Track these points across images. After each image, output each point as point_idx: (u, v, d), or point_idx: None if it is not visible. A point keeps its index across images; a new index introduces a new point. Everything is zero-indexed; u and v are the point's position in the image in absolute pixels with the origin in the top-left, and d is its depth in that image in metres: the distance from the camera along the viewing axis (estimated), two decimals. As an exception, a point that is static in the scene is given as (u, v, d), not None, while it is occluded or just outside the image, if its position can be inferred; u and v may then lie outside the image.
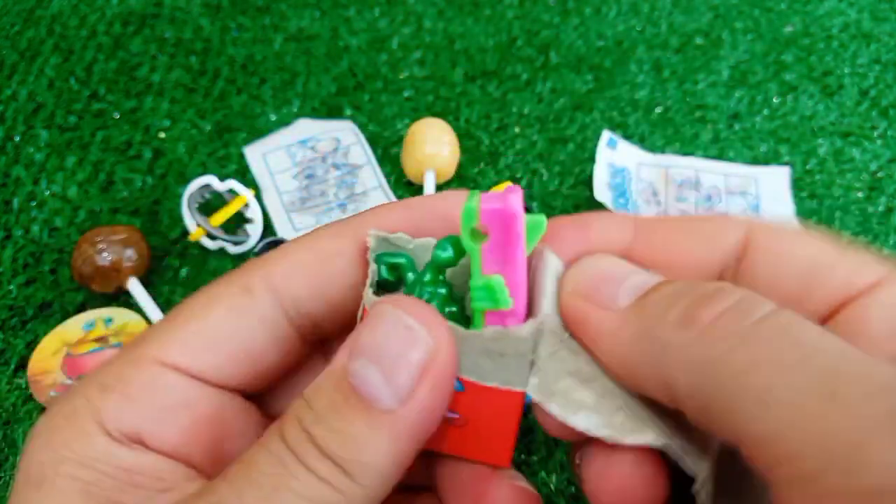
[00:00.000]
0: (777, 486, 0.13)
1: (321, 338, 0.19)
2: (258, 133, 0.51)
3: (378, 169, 0.48)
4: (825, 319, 0.16)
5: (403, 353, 0.15)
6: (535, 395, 0.16)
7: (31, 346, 0.39)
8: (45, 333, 0.40)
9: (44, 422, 0.16)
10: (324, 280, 0.18)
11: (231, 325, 0.17)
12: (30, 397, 0.37)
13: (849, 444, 0.12)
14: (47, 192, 0.47)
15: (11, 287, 0.42)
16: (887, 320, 0.16)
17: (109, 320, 0.40)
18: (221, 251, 0.44)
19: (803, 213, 0.46)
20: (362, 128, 0.51)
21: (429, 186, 0.45)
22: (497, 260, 0.15)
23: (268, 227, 0.45)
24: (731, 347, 0.14)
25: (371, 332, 0.15)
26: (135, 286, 0.41)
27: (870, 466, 0.12)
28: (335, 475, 0.14)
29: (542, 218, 0.16)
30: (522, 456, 0.35)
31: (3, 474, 0.35)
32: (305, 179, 0.48)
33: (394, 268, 0.18)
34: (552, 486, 0.34)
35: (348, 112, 0.52)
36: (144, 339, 0.17)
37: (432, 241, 0.18)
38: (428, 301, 0.17)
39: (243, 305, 0.17)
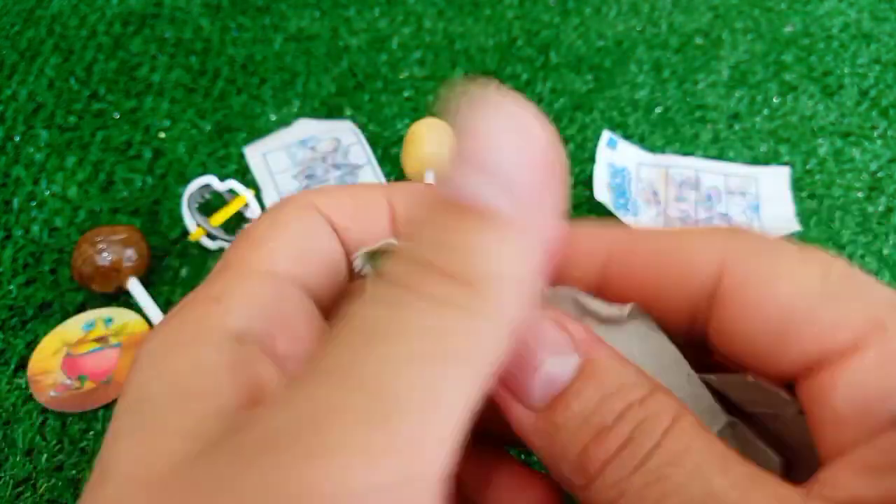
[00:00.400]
0: None
1: None
2: (258, 133, 0.51)
3: (378, 169, 0.48)
4: (798, 378, 0.15)
5: (517, 150, 0.12)
6: None
7: (31, 346, 0.39)
8: (45, 333, 0.40)
9: (151, 338, 0.15)
10: (360, 219, 0.18)
11: (308, 236, 0.17)
12: (30, 397, 0.37)
13: None
14: (47, 192, 0.47)
15: (11, 287, 0.42)
16: (853, 399, 0.14)
17: (109, 320, 0.40)
18: (221, 251, 0.44)
19: (803, 213, 0.46)
20: (362, 128, 0.51)
21: (429, 186, 0.45)
22: None
23: (268, 227, 0.45)
24: (619, 492, 0.13)
25: (473, 139, 0.12)
26: (135, 286, 0.41)
27: None
28: (464, 294, 0.11)
29: None
30: (522, 456, 0.35)
31: (2, 474, 0.35)
32: (305, 179, 0.48)
33: None
34: (552, 486, 0.34)
35: (348, 112, 0.52)
36: (236, 256, 0.16)
37: None
38: None
39: (309, 220, 0.17)
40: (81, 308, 0.41)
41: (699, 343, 0.17)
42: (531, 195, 0.12)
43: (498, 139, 0.12)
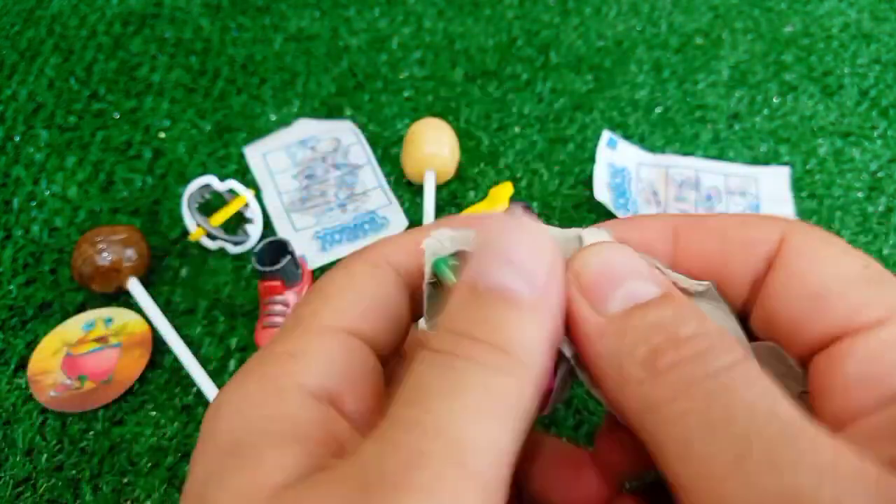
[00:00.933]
0: None
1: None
2: (258, 133, 0.51)
3: (378, 169, 0.48)
4: (821, 349, 0.16)
5: (533, 250, 0.16)
6: None
7: (31, 346, 0.39)
8: (45, 333, 0.40)
9: (232, 390, 0.16)
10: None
11: (378, 292, 0.18)
12: (30, 397, 0.37)
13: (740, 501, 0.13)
14: (47, 192, 0.47)
15: (11, 287, 0.42)
16: (864, 368, 0.15)
17: (109, 320, 0.40)
18: (221, 251, 0.44)
19: (803, 213, 0.46)
20: (362, 128, 0.51)
21: (429, 186, 0.45)
22: None
23: (268, 227, 0.45)
24: (673, 397, 0.15)
25: (496, 241, 0.16)
26: (135, 286, 0.41)
27: None
28: (500, 358, 0.14)
29: None
30: (522, 456, 0.35)
31: (2, 474, 0.35)
32: (305, 179, 0.48)
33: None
34: (552, 486, 0.34)
35: (348, 112, 0.52)
36: (309, 312, 0.17)
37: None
38: None
39: (380, 276, 0.18)
40: (81, 308, 0.41)
41: (743, 320, 0.19)
42: (544, 283, 0.16)
43: (519, 242, 0.16)
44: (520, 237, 0.16)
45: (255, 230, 0.44)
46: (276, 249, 0.40)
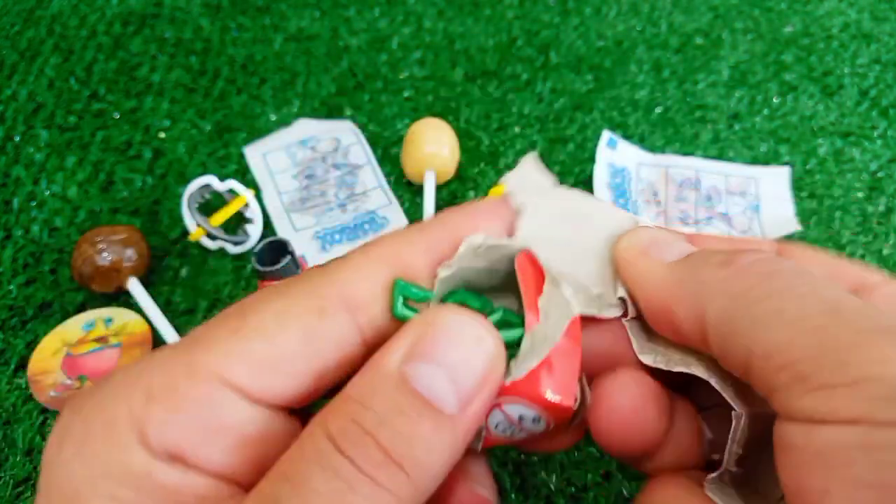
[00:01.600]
0: (777, 392, 0.15)
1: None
2: (258, 133, 0.51)
3: (378, 169, 0.48)
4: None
5: (469, 361, 0.15)
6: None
7: (31, 346, 0.39)
8: (45, 333, 0.40)
9: (77, 426, 0.15)
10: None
11: (303, 350, 0.16)
12: (30, 397, 0.37)
13: (842, 348, 0.14)
14: (47, 192, 0.47)
15: (11, 287, 0.42)
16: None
17: (109, 320, 0.40)
18: (221, 251, 0.44)
19: (803, 213, 0.46)
20: (362, 128, 0.51)
21: (429, 186, 0.45)
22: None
23: (268, 227, 0.45)
24: (759, 281, 0.16)
25: (437, 337, 0.15)
26: (135, 286, 0.41)
27: (856, 363, 0.14)
28: (394, 478, 0.14)
29: None
30: (522, 456, 0.35)
31: (2, 474, 0.35)
32: (305, 179, 0.48)
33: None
34: (552, 486, 0.34)
35: (348, 112, 0.52)
36: (201, 345, 0.16)
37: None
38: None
39: (318, 329, 0.16)
40: (81, 308, 0.41)
41: None
42: (468, 399, 0.15)
43: (459, 345, 0.15)
44: (461, 339, 0.15)
45: (255, 230, 0.44)
46: (276, 249, 0.40)
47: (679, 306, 0.17)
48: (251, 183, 0.47)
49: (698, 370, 0.18)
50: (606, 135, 0.49)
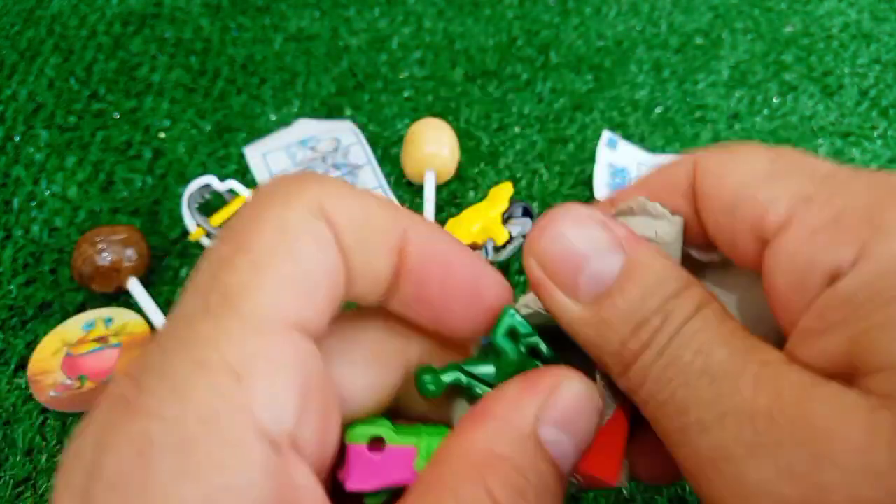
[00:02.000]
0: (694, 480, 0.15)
1: None
2: (258, 133, 0.51)
3: (378, 169, 0.48)
4: (760, 255, 0.16)
5: (591, 430, 0.16)
6: None
7: (31, 346, 0.39)
8: (45, 333, 0.40)
9: (168, 431, 0.12)
10: (366, 241, 0.16)
11: (318, 260, 0.15)
12: (30, 397, 0.37)
13: (688, 474, 0.15)
14: (47, 192, 0.47)
15: (11, 287, 0.42)
16: (788, 273, 0.15)
17: (109, 320, 0.40)
18: (221, 251, 0.44)
19: (803, 213, 0.46)
20: (362, 128, 0.51)
21: (429, 186, 0.45)
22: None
23: (268, 227, 0.45)
24: (639, 384, 0.15)
25: (568, 406, 0.16)
26: (135, 286, 0.41)
27: (705, 494, 0.14)
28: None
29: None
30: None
31: (2, 474, 0.35)
32: (305, 179, 0.48)
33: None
34: (552, 486, 0.34)
35: (348, 112, 0.52)
36: (237, 284, 0.14)
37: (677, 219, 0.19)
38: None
39: (320, 236, 0.15)
40: (81, 308, 0.41)
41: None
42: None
43: (584, 417, 0.16)
44: (587, 411, 0.16)
45: (255, 230, 0.44)
46: (276, 249, 0.40)
47: (602, 363, 0.17)
48: (251, 183, 0.47)
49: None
50: (606, 135, 0.49)
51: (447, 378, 0.17)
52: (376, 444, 0.16)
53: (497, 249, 0.42)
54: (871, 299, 0.13)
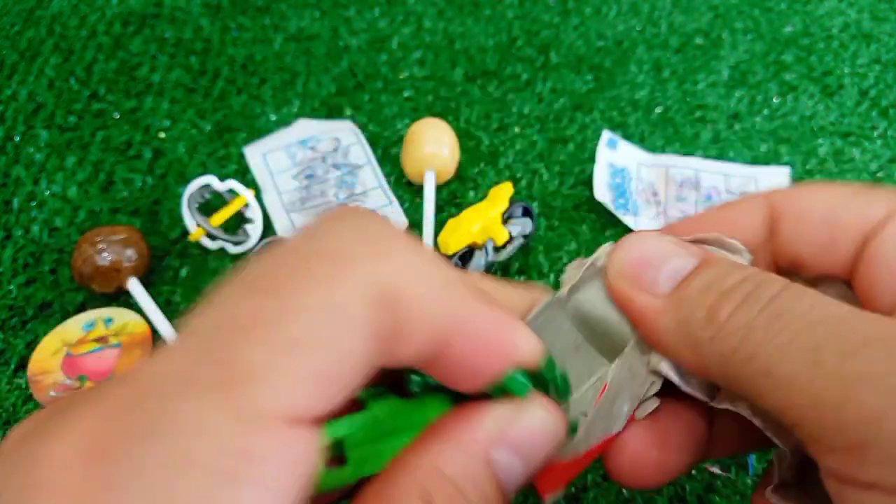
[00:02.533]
0: (804, 445, 0.15)
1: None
2: (258, 133, 0.51)
3: (378, 169, 0.48)
4: (854, 261, 0.18)
5: (543, 456, 0.17)
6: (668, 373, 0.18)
7: (31, 346, 0.39)
8: (45, 333, 0.40)
9: None
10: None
11: (357, 361, 0.13)
12: (30, 397, 0.37)
13: (832, 407, 0.14)
14: (47, 192, 0.47)
15: (11, 287, 0.42)
16: (889, 266, 0.17)
17: (109, 320, 0.40)
18: (221, 251, 0.44)
19: (803, 213, 0.46)
20: (362, 128, 0.51)
21: (429, 186, 0.45)
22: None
23: (268, 227, 0.45)
24: (741, 340, 0.16)
25: (523, 432, 0.16)
26: (135, 286, 0.41)
27: (850, 424, 0.14)
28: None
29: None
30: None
31: (3, 474, 0.35)
32: (305, 179, 0.48)
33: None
34: (552, 486, 0.34)
35: (348, 112, 0.52)
36: (252, 375, 0.12)
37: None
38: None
39: (368, 329, 0.13)
40: (81, 308, 0.41)
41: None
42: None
43: (537, 442, 0.17)
44: (544, 440, 0.17)
45: (255, 230, 0.44)
46: (276, 249, 0.40)
47: (684, 360, 0.17)
48: (251, 183, 0.47)
49: (742, 409, 0.18)
50: (606, 135, 0.49)
51: (434, 380, 0.17)
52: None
53: (497, 249, 0.42)
54: None
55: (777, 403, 0.15)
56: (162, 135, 0.51)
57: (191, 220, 0.43)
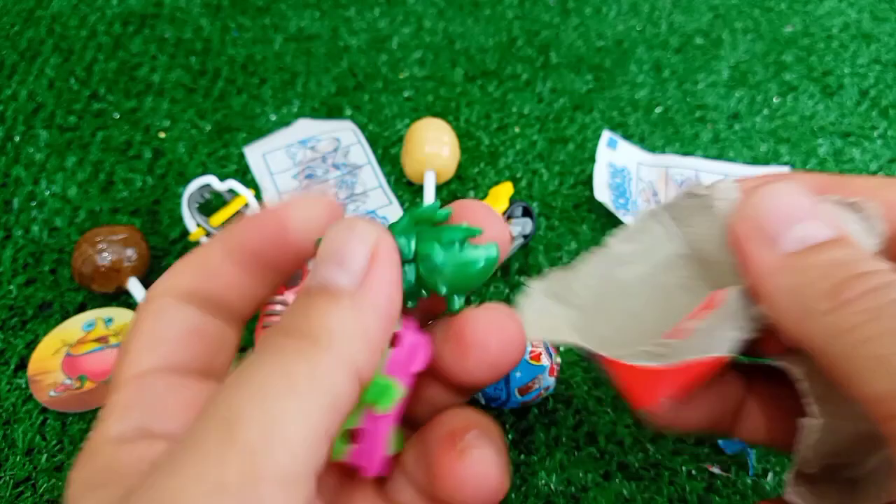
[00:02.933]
0: (892, 438, 0.15)
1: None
2: (258, 133, 0.51)
3: (378, 169, 0.48)
4: None
5: (351, 244, 0.17)
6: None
7: (31, 346, 0.39)
8: (45, 333, 0.40)
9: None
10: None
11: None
12: (30, 397, 0.37)
13: None
14: (47, 192, 0.47)
15: (11, 287, 0.42)
16: None
17: (109, 320, 0.40)
18: (221, 251, 0.44)
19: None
20: (362, 128, 0.51)
21: (429, 186, 0.45)
22: (397, 369, 0.18)
23: (268, 227, 0.45)
24: (865, 320, 0.16)
25: (328, 244, 0.17)
26: (135, 286, 0.41)
27: None
28: (304, 345, 0.15)
29: (392, 386, 0.17)
30: (522, 456, 0.35)
31: (2, 474, 0.35)
32: (305, 179, 0.48)
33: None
34: (552, 486, 0.34)
35: (348, 112, 0.52)
36: (117, 364, 0.18)
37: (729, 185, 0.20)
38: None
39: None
40: (81, 308, 0.41)
41: None
42: (361, 272, 0.16)
43: (344, 240, 0.16)
44: (345, 235, 0.17)
45: (255, 230, 0.44)
46: (276, 249, 0.40)
47: (784, 318, 0.17)
48: (251, 183, 0.47)
49: (796, 368, 0.18)
50: (606, 135, 0.49)
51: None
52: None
53: (497, 249, 0.42)
54: None
55: (878, 389, 0.15)
56: (162, 135, 0.51)
57: (191, 220, 0.43)
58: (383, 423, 0.17)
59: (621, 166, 0.47)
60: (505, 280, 0.42)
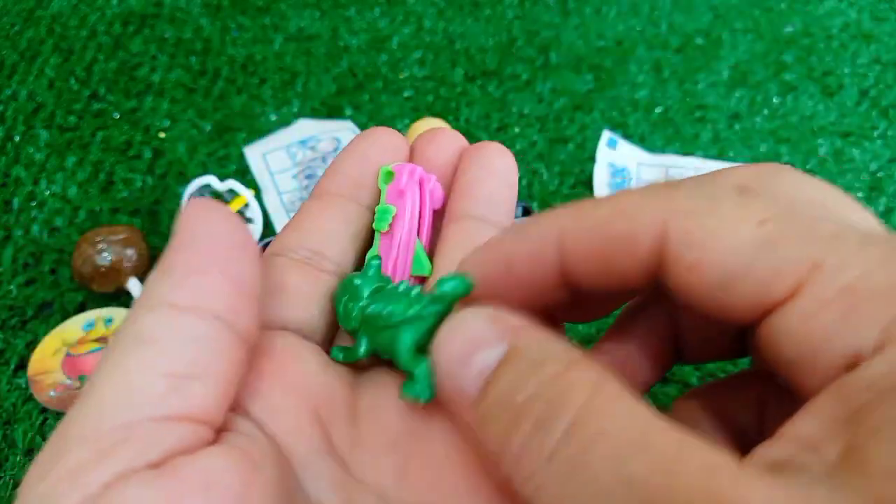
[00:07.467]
0: None
1: None
2: (258, 133, 0.51)
3: (378, 169, 0.48)
4: (756, 323, 0.14)
5: (207, 229, 0.19)
6: None
7: (31, 346, 0.39)
8: (45, 333, 0.40)
9: None
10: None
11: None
12: (30, 397, 0.37)
13: None
14: (47, 192, 0.47)
15: (11, 287, 0.42)
16: (798, 346, 0.13)
17: (109, 320, 0.40)
18: (221, 251, 0.44)
19: (803, 213, 0.46)
20: (362, 128, 0.51)
21: (429, 186, 0.45)
22: (394, 196, 0.21)
23: (268, 227, 0.45)
24: (535, 487, 0.13)
25: (185, 222, 0.19)
26: (135, 286, 0.41)
27: None
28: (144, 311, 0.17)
29: (388, 210, 0.21)
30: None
31: (2, 474, 0.35)
32: (305, 179, 0.48)
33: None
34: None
35: (348, 112, 0.52)
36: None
37: None
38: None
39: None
40: (81, 308, 0.41)
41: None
42: (209, 252, 0.17)
43: (197, 221, 0.17)
44: (201, 218, 0.18)
45: (255, 230, 0.44)
46: (276, 249, 0.40)
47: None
48: (251, 183, 0.47)
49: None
50: (606, 135, 0.49)
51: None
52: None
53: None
54: None
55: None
56: (162, 135, 0.51)
57: (191, 220, 0.43)
58: (390, 241, 0.21)
59: (621, 166, 0.47)
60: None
